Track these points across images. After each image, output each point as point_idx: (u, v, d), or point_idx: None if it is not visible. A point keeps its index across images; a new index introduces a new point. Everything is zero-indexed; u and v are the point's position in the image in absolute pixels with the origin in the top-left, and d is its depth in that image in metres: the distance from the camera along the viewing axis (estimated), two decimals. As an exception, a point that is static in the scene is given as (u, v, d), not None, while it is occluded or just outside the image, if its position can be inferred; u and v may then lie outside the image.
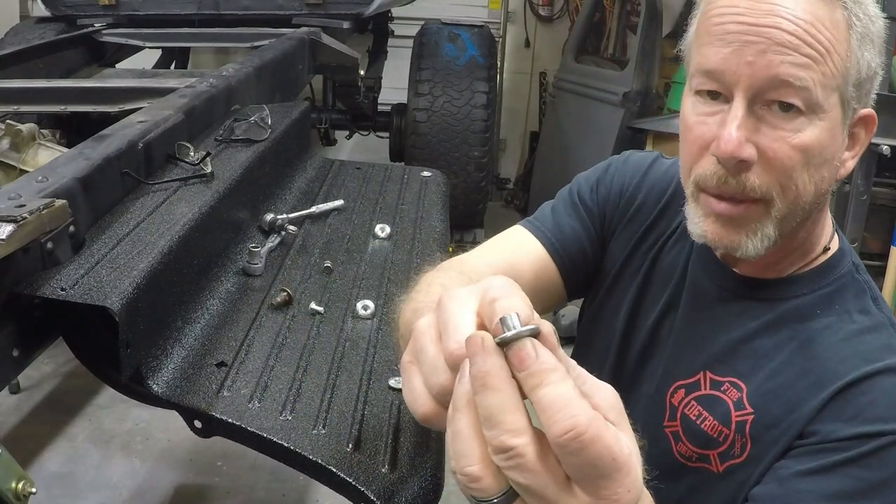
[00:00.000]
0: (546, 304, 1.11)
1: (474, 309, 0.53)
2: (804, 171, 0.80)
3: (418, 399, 0.57)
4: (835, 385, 0.83)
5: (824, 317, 0.88)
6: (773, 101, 0.78)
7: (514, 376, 0.49)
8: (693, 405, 0.92)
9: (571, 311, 3.77)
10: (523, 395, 0.49)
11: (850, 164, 0.85)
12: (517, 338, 0.49)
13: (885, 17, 0.83)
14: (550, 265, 1.07)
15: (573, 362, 0.51)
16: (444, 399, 0.53)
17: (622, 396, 0.63)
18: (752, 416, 0.86)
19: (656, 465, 0.85)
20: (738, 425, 0.87)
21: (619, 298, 1.07)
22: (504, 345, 0.49)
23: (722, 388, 0.90)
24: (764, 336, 0.89)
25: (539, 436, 0.48)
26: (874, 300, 0.90)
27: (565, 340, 3.47)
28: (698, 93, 0.83)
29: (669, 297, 1.00)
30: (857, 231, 2.62)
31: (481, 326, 0.52)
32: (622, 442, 0.48)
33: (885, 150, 2.48)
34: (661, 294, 1.01)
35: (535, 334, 0.50)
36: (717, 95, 0.81)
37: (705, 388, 0.91)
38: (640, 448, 0.52)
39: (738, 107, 0.78)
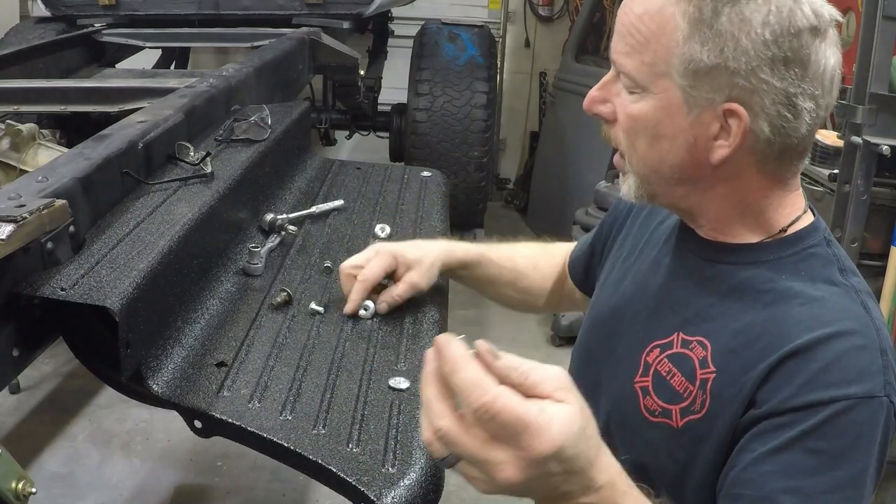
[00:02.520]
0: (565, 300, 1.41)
1: None
2: (639, 137, 0.93)
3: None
4: (785, 348, 0.85)
5: (789, 281, 0.91)
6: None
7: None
8: (665, 362, 0.96)
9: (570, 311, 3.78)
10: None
11: (723, 152, 0.89)
12: None
13: (885, 18, 0.84)
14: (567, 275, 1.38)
15: (521, 361, 0.69)
16: None
17: (600, 360, 1.06)
18: (714, 375, 0.90)
19: (622, 420, 0.99)
20: (701, 382, 0.91)
21: (614, 277, 1.15)
22: None
23: (690, 347, 0.94)
24: (732, 298, 0.94)
25: (462, 415, 0.69)
26: (841, 271, 0.93)
27: (564, 340, 3.47)
28: None
29: (652, 268, 1.07)
30: (857, 231, 2.62)
31: None
32: (530, 408, 0.67)
33: (885, 150, 2.47)
34: (644, 267, 1.09)
35: None
36: None
37: (677, 347, 0.96)
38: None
39: (608, 74, 0.96)
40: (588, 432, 0.72)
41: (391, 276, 1.28)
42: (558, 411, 0.69)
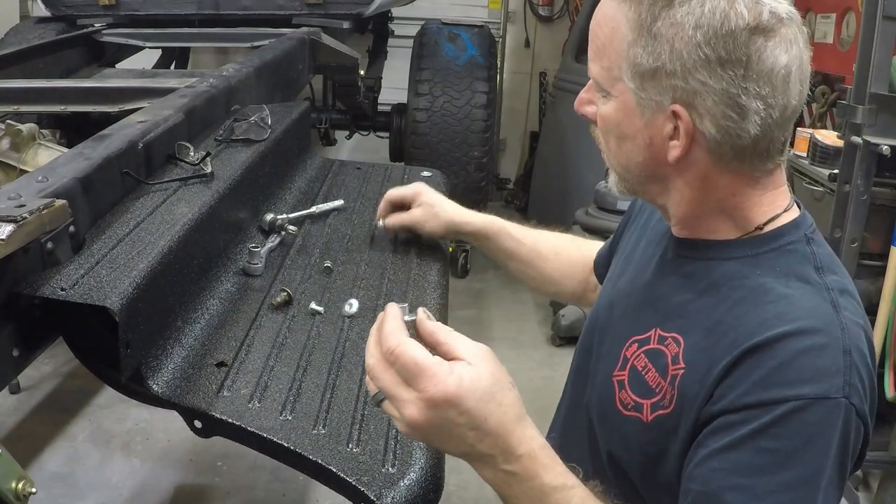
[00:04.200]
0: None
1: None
2: (610, 137, 0.98)
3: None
4: (745, 344, 0.86)
5: (762, 277, 0.92)
6: None
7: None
8: (641, 357, 0.98)
9: (571, 310, 3.78)
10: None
11: (676, 153, 0.91)
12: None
13: (885, 18, 0.84)
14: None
15: (451, 330, 0.85)
16: None
17: (594, 355, 1.09)
18: (683, 371, 0.91)
19: (601, 412, 1.04)
20: (671, 378, 0.92)
21: (614, 277, 1.18)
22: None
23: (665, 343, 0.95)
24: (706, 294, 0.95)
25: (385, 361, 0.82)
26: (817, 269, 0.92)
27: (564, 340, 3.47)
28: None
29: (642, 266, 1.09)
30: (856, 231, 2.62)
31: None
32: (428, 357, 0.80)
33: (885, 150, 2.47)
34: (637, 265, 1.11)
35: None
36: None
37: (653, 343, 0.97)
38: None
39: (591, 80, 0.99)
40: (500, 398, 0.82)
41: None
42: (462, 367, 0.81)
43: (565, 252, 1.45)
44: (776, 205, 0.96)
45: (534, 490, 0.84)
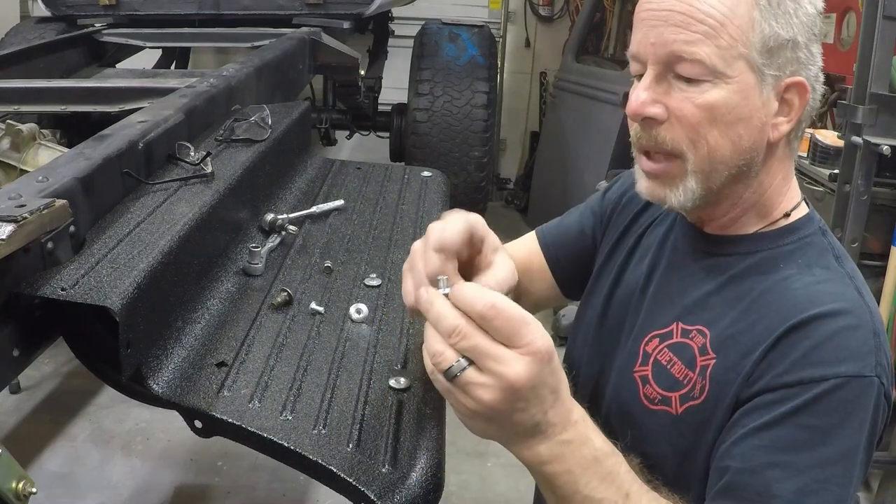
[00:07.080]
0: (538, 295, 1.28)
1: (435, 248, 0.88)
2: (712, 127, 0.89)
3: (407, 296, 0.91)
4: (782, 326, 0.87)
5: (786, 269, 0.93)
6: (677, 73, 0.90)
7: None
8: (665, 352, 0.98)
9: (572, 310, 3.78)
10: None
11: (785, 128, 0.92)
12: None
13: (885, 18, 0.91)
14: (541, 257, 1.27)
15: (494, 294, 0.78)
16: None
17: (604, 351, 1.07)
18: (714, 361, 0.92)
19: (622, 409, 1.00)
20: (701, 369, 0.93)
21: (608, 272, 1.15)
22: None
23: (690, 336, 0.96)
24: (730, 287, 0.95)
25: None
26: (836, 258, 0.95)
27: (565, 340, 3.45)
28: (634, 76, 0.95)
29: (651, 262, 1.08)
30: (857, 231, 2.62)
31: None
32: (524, 311, 0.75)
33: (886, 150, 2.48)
34: (643, 261, 1.09)
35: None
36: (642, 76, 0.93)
37: (677, 337, 0.97)
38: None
39: (648, 75, 0.91)
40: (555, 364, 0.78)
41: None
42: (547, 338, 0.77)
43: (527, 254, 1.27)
44: (798, 193, 0.99)
45: (586, 459, 0.80)
